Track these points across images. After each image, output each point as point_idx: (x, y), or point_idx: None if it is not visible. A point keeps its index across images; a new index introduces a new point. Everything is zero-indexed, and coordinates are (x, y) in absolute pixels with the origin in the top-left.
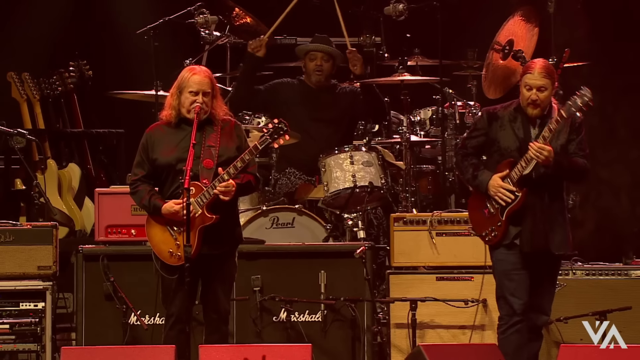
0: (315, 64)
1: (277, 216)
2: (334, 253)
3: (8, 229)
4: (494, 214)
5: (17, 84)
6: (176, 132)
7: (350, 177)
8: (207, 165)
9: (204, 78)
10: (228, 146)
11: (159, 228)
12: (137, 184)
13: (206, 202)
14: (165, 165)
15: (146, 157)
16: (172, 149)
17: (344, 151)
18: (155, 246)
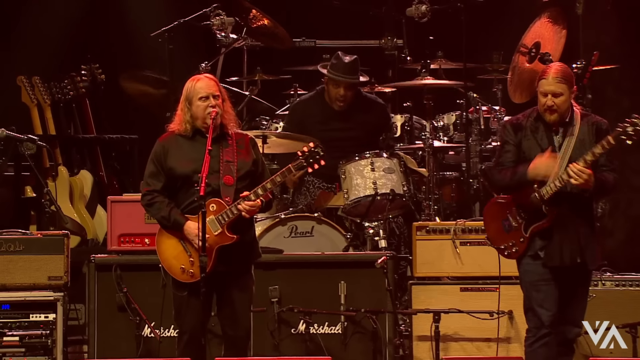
0: (338, 93)
1: (296, 225)
2: (354, 263)
3: (18, 238)
4: (517, 228)
5: (28, 88)
6: (192, 143)
7: (371, 185)
8: (227, 182)
9: (210, 81)
10: (245, 160)
11: (172, 243)
12: (154, 195)
13: (228, 221)
14: (181, 176)
15: (161, 167)
16: (189, 160)
17: (364, 157)
18: (165, 261)
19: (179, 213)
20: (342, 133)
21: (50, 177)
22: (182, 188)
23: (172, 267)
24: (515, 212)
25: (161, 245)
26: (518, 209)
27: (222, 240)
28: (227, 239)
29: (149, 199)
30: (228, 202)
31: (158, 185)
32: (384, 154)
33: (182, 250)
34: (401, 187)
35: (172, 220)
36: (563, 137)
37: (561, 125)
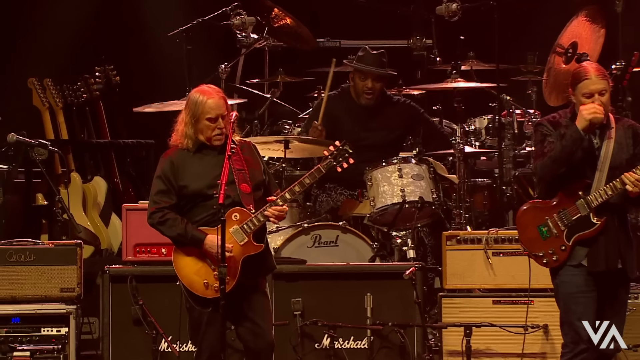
0: (366, 86)
1: (320, 234)
2: (381, 274)
3: (29, 247)
4: (557, 235)
5: (39, 90)
6: (200, 157)
7: (399, 192)
8: (245, 190)
9: (220, 100)
10: (255, 169)
11: (192, 257)
12: (164, 212)
13: (254, 229)
14: (195, 193)
15: (170, 184)
16: (200, 176)
17: (392, 163)
18: (185, 277)
19: (195, 228)
20: (370, 133)
21: (63, 184)
22: (195, 205)
23: (194, 284)
24: (556, 219)
25: (179, 261)
26: (560, 215)
27: (249, 250)
28: (253, 248)
29: (159, 216)
30: (251, 210)
31: (168, 203)
32: (412, 160)
33: (204, 265)
34: (430, 195)
35: (190, 236)
36: (601, 139)
37: (598, 128)
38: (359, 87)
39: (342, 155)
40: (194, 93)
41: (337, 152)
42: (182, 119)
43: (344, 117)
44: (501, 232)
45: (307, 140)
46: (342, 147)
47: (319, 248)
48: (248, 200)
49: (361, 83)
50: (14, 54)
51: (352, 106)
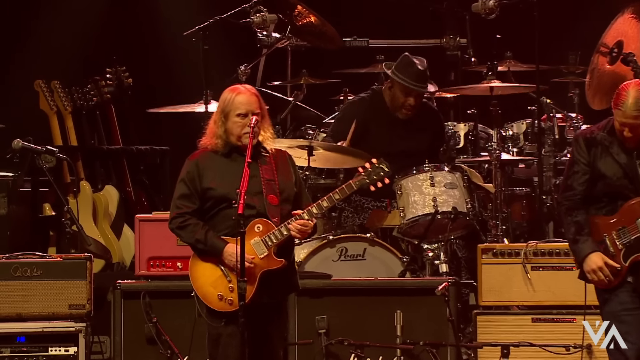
0: (408, 103)
1: (346, 247)
2: (411, 290)
3: (35, 261)
4: (614, 254)
5: (46, 93)
6: (229, 162)
7: (431, 202)
8: (272, 202)
9: (251, 96)
10: (286, 181)
11: (208, 268)
12: (186, 217)
13: (276, 243)
14: (220, 198)
15: (194, 188)
16: (228, 181)
17: (423, 171)
18: (200, 288)
19: (216, 236)
20: (402, 140)
21: (72, 193)
22: (220, 211)
23: (207, 295)
24: (614, 237)
25: (196, 271)
26: (619, 233)
27: (268, 265)
28: (274, 262)
29: (180, 221)
30: (276, 222)
31: (190, 208)
32: (445, 168)
33: (221, 276)
34: (464, 205)
35: (210, 243)
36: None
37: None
38: (399, 101)
39: (377, 174)
40: (225, 91)
41: (372, 169)
42: (213, 118)
43: (373, 124)
44: (541, 245)
45: (334, 149)
46: (378, 165)
47: (345, 262)
48: (274, 213)
49: (402, 98)
50: (19, 55)
51: (383, 113)
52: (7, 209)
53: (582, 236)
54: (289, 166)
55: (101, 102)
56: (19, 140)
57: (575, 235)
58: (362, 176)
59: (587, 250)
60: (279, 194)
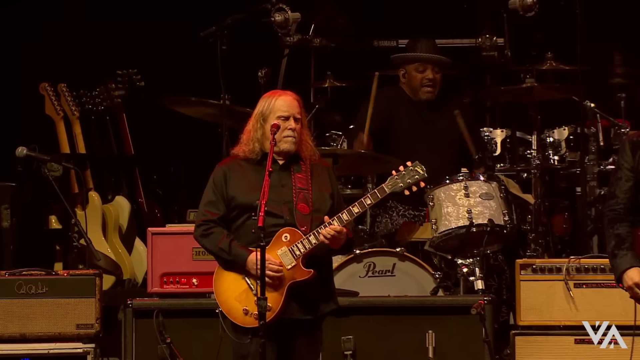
0: (425, 77)
1: (374, 262)
2: (444, 308)
3: (40, 278)
4: None
5: (52, 97)
6: (259, 169)
7: (465, 213)
8: (303, 210)
9: (293, 100)
10: (322, 192)
11: (233, 280)
12: (210, 225)
13: (304, 252)
14: (245, 207)
15: (221, 195)
16: (255, 188)
17: (457, 181)
18: (224, 303)
19: (240, 245)
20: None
21: (80, 204)
22: (246, 222)
23: (232, 310)
24: None
25: (220, 284)
26: None
27: (296, 276)
28: (301, 273)
29: (204, 229)
30: (305, 231)
31: (215, 215)
32: (480, 177)
33: (246, 289)
34: (501, 217)
35: (234, 252)
36: None
37: None
38: (417, 80)
39: (411, 177)
40: (264, 95)
41: (407, 172)
42: (250, 122)
43: (398, 115)
44: (584, 261)
45: (362, 155)
46: (413, 168)
47: (373, 278)
48: (303, 222)
49: (419, 75)
50: (23, 56)
51: (407, 102)
52: (10, 222)
53: (621, 250)
54: (327, 178)
55: (111, 107)
56: (22, 148)
57: (614, 249)
58: (395, 179)
59: (624, 265)
60: (310, 203)
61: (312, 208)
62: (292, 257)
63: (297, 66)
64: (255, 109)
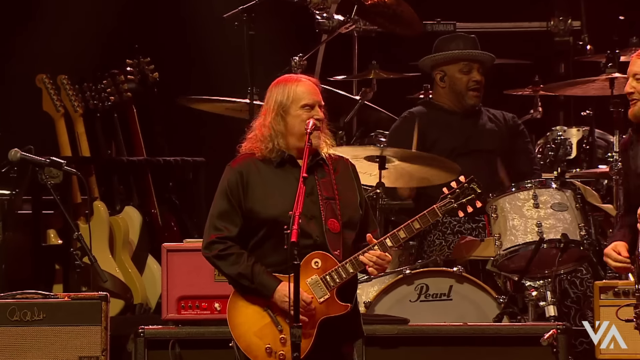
0: (472, 79)
1: (427, 283)
2: (510, 338)
3: (37, 302)
4: None
5: (51, 91)
6: (280, 174)
7: (534, 227)
8: (333, 229)
9: (315, 86)
10: (350, 199)
11: (253, 311)
12: (227, 244)
13: (340, 283)
14: (267, 222)
15: (238, 204)
16: (278, 200)
17: (524, 188)
18: (242, 337)
19: (265, 271)
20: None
21: (83, 216)
22: (268, 239)
23: (251, 347)
24: None
25: (236, 315)
26: None
27: (330, 310)
28: (336, 308)
29: (220, 249)
30: (338, 256)
31: (233, 230)
32: (552, 184)
33: (269, 323)
34: (577, 231)
35: (258, 280)
36: None
37: None
38: (462, 83)
39: (466, 195)
40: (278, 83)
41: (461, 190)
42: (264, 116)
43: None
44: None
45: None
46: (469, 185)
47: (425, 302)
48: (335, 243)
49: (465, 77)
50: (18, 44)
51: (442, 116)
52: (1, 237)
53: None
54: (353, 180)
55: (120, 102)
56: (17, 150)
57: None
58: (449, 198)
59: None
60: (339, 217)
61: (341, 223)
62: (326, 288)
63: (337, 54)
64: (270, 99)
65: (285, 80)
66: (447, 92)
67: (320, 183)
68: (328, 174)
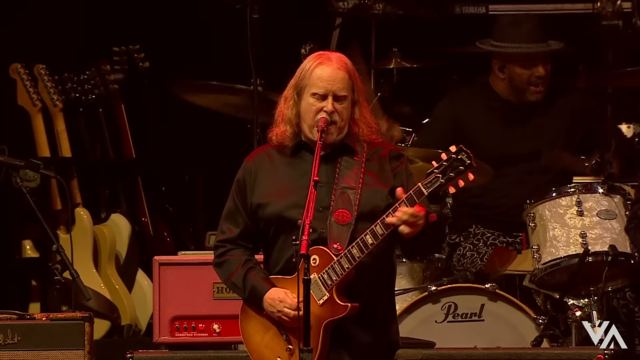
0: (535, 75)
1: (455, 302)
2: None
3: (11, 324)
4: None
5: (27, 83)
6: (294, 162)
7: (578, 238)
8: (340, 220)
9: (337, 71)
10: (377, 187)
11: (261, 321)
12: (226, 248)
13: (337, 281)
14: (272, 218)
15: (242, 202)
16: (287, 190)
17: (567, 194)
18: (254, 352)
19: (259, 276)
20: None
21: (63, 225)
22: (276, 238)
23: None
24: None
25: (247, 327)
26: None
27: (332, 313)
28: (338, 309)
29: (218, 254)
30: (337, 250)
31: (234, 231)
32: (598, 189)
33: (276, 334)
34: (627, 242)
35: (249, 289)
36: None
37: None
38: (523, 79)
39: (454, 169)
40: (308, 57)
41: (449, 163)
42: (284, 94)
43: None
44: None
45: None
46: (456, 156)
47: (454, 323)
48: (339, 236)
49: (526, 73)
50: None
51: (494, 106)
52: None
53: None
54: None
55: (106, 95)
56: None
57: None
58: (435, 174)
59: None
60: (356, 209)
61: (355, 214)
62: (324, 287)
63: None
64: (294, 77)
65: (311, 58)
66: (506, 84)
67: (342, 170)
68: (357, 161)
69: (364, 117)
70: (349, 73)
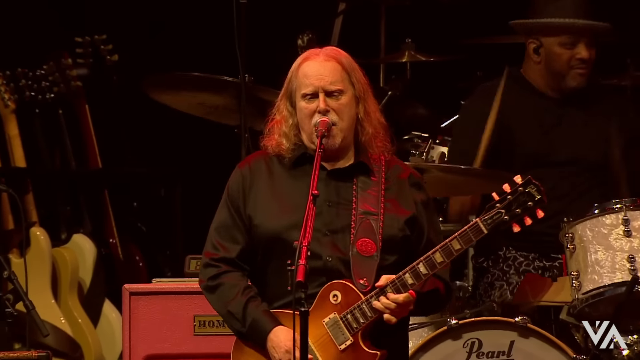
0: (577, 56)
1: (479, 338)
2: None
3: None
4: None
5: None
6: (297, 175)
7: (626, 262)
8: (364, 251)
9: (324, 63)
10: (398, 214)
11: None
12: (221, 269)
13: (364, 325)
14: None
15: (237, 213)
16: (287, 207)
17: (612, 210)
18: None
19: (262, 309)
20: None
21: (17, 248)
22: (271, 261)
23: None
24: None
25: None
26: None
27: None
28: (363, 357)
29: (210, 276)
30: (365, 288)
31: (232, 250)
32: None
33: None
34: None
35: (250, 321)
36: None
37: None
38: (563, 60)
39: (521, 203)
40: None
41: (514, 196)
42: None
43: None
44: None
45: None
46: (524, 189)
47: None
48: (364, 270)
49: (567, 53)
50: None
51: (529, 101)
52: None
53: None
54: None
55: (67, 94)
56: None
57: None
58: (497, 209)
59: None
60: (381, 237)
61: (380, 246)
62: (348, 330)
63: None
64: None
65: (300, 57)
66: (542, 69)
67: (359, 191)
68: (376, 182)
69: (371, 118)
70: (342, 63)
